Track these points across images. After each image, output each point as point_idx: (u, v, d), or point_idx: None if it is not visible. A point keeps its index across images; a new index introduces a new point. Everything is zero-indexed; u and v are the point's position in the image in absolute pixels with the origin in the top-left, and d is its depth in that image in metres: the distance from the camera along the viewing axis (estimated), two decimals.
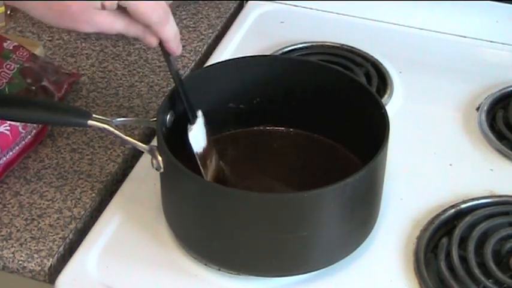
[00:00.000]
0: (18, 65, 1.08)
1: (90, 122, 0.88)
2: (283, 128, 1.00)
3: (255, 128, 1.00)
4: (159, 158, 0.86)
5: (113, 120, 0.89)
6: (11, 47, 1.10)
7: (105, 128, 0.88)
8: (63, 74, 1.12)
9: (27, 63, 1.08)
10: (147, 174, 0.97)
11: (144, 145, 0.88)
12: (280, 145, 0.99)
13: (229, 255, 0.86)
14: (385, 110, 0.88)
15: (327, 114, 0.96)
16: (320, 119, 0.97)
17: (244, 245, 0.84)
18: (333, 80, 0.95)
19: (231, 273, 0.87)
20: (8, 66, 1.07)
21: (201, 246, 0.87)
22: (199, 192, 0.83)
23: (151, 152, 0.87)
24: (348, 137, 0.96)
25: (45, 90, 1.07)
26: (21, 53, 1.09)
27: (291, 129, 1.00)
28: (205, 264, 0.88)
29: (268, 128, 1.00)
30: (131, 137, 0.89)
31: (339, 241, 0.86)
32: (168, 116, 0.90)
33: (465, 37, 1.21)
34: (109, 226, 0.92)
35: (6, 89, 1.06)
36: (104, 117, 0.89)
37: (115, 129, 0.88)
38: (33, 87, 1.07)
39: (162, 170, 0.86)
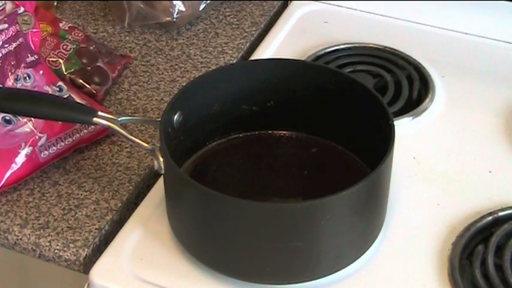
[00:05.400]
0: (74, 46, 1.10)
1: (95, 119, 0.89)
2: (294, 133, 0.99)
3: (265, 131, 0.99)
4: (161, 159, 0.86)
5: (119, 119, 0.89)
6: (66, 28, 1.12)
7: (109, 126, 0.89)
8: (117, 55, 1.14)
9: (83, 44, 1.11)
10: None
11: (146, 145, 0.88)
12: (290, 150, 0.98)
13: (232, 262, 0.85)
14: (392, 121, 0.87)
15: (340, 121, 0.95)
16: (332, 125, 0.96)
17: (240, 252, 0.84)
18: (348, 88, 0.93)
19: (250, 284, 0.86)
20: (64, 46, 1.10)
21: (199, 249, 0.87)
22: (195, 196, 0.83)
23: (152, 152, 0.87)
24: (359, 144, 0.95)
25: (100, 71, 1.09)
26: (76, 34, 1.12)
27: (303, 134, 0.99)
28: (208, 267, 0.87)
29: (279, 132, 0.99)
30: (134, 136, 0.89)
31: (337, 252, 0.85)
32: (176, 116, 0.90)
33: (510, 43, 1.20)
34: (145, 219, 0.93)
35: (64, 69, 1.09)
36: (109, 116, 0.90)
37: (119, 127, 0.89)
38: (89, 68, 1.09)
39: (162, 172, 0.86)
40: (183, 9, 1.21)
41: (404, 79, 1.11)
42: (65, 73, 1.10)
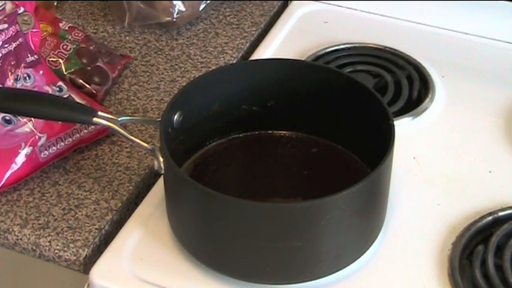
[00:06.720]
0: (74, 46, 1.11)
1: (95, 119, 0.89)
2: (294, 133, 0.99)
3: (265, 131, 0.99)
4: (161, 159, 0.86)
5: (119, 119, 0.90)
6: (66, 28, 1.13)
7: (109, 126, 0.89)
8: (117, 55, 1.15)
9: (83, 44, 1.11)
10: None
11: (146, 145, 0.89)
12: (290, 150, 0.98)
13: (232, 262, 0.85)
14: (392, 121, 0.87)
15: (340, 121, 0.95)
16: (332, 125, 0.96)
17: (240, 252, 0.84)
18: (348, 88, 0.93)
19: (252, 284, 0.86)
20: (64, 46, 1.10)
21: (199, 249, 0.87)
22: (195, 196, 0.83)
23: (152, 152, 0.87)
24: (359, 144, 0.95)
25: (100, 71, 1.09)
26: (76, 34, 1.12)
27: (303, 134, 0.98)
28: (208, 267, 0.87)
29: (279, 132, 0.99)
30: (134, 136, 0.89)
31: (337, 252, 0.85)
32: (176, 116, 0.90)
33: (510, 43, 1.20)
34: (145, 219, 0.93)
35: (64, 69, 1.09)
36: (109, 116, 0.90)
37: (119, 127, 0.89)
38: (89, 68, 1.10)
39: (162, 172, 0.86)
40: (183, 9, 1.21)
41: (404, 79, 1.11)
42: (65, 73, 1.10)
